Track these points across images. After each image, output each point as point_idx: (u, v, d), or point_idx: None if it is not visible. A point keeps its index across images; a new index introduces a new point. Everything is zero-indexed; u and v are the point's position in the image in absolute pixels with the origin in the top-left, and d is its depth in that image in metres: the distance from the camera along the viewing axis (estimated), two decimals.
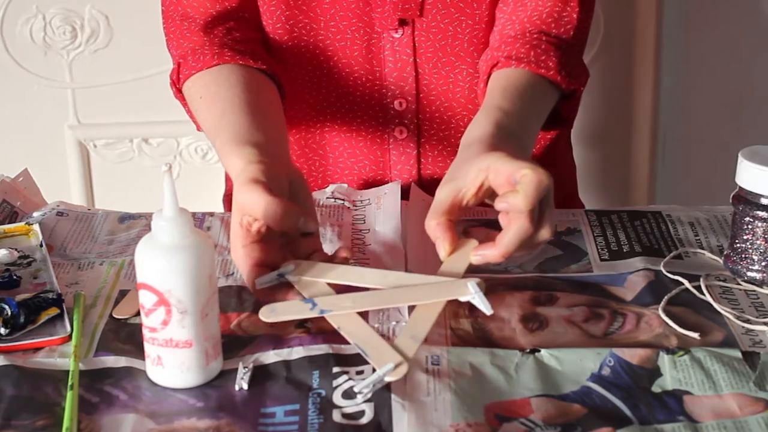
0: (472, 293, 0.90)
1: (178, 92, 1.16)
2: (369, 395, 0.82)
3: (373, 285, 0.92)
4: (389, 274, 0.94)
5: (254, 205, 0.88)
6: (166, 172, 0.80)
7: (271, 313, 0.90)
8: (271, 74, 1.13)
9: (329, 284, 0.92)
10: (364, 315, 0.91)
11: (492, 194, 0.92)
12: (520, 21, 1.12)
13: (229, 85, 1.07)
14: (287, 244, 0.93)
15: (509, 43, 1.10)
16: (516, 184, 0.88)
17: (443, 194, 0.93)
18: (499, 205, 0.89)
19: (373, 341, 0.87)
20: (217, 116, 1.04)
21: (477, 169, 0.91)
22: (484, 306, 0.89)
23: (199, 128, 1.14)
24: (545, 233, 0.90)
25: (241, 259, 0.91)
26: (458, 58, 1.17)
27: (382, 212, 1.10)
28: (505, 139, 0.95)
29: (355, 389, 0.83)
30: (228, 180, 1.35)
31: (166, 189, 0.81)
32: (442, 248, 0.92)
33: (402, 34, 1.15)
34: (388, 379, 0.83)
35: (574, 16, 1.12)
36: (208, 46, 1.12)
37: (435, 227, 0.92)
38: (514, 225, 0.88)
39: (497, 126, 0.97)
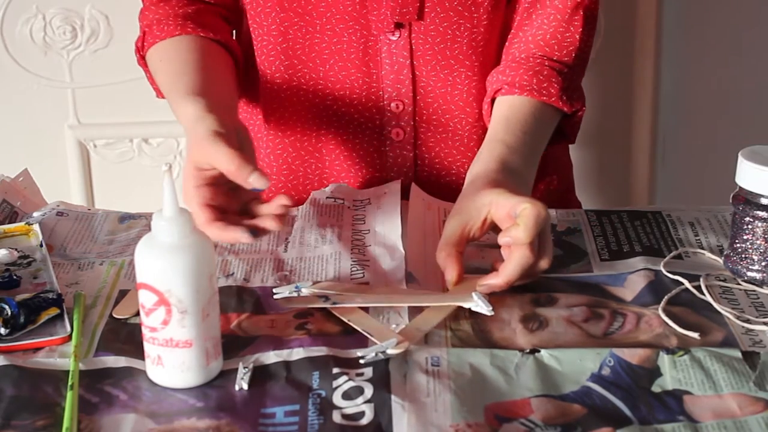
0: (475, 300, 0.93)
1: (141, 59, 1.21)
2: (370, 361, 0.86)
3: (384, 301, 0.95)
4: (400, 298, 0.96)
5: (216, 157, 0.95)
6: (166, 172, 0.81)
7: (285, 299, 0.95)
8: (226, 45, 1.19)
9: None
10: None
11: (496, 226, 0.98)
12: (526, 41, 1.16)
13: (188, 50, 1.14)
14: (234, 189, 0.99)
15: (514, 68, 1.14)
16: (516, 217, 0.95)
17: (452, 227, 0.99)
18: (501, 240, 0.95)
19: (379, 327, 0.90)
20: (173, 74, 1.11)
21: (480, 204, 0.98)
22: (486, 309, 0.92)
23: (159, 94, 1.20)
24: (544, 263, 0.96)
25: (192, 199, 0.97)
26: (457, 61, 1.17)
27: (382, 212, 1.10)
28: (508, 176, 1.02)
29: (359, 353, 0.86)
30: None
31: (166, 189, 0.81)
32: (450, 277, 0.97)
33: (399, 37, 1.15)
34: (390, 351, 0.86)
35: (577, 37, 1.16)
36: (173, 18, 1.17)
37: (445, 258, 0.98)
38: (516, 255, 0.94)
39: (500, 162, 1.04)
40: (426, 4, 1.13)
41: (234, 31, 1.25)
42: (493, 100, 1.15)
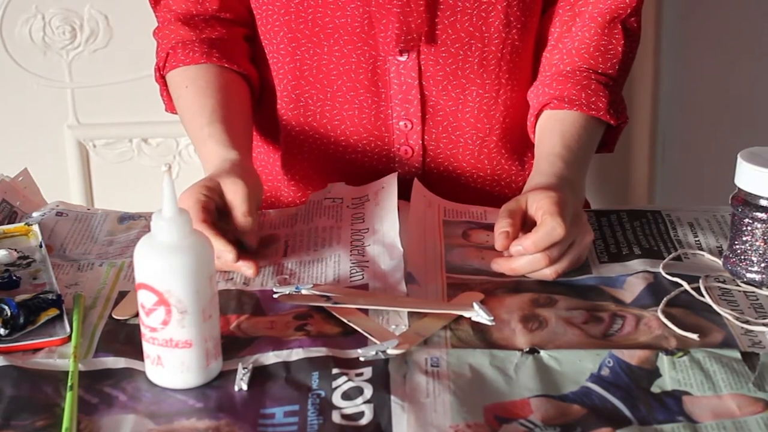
0: (476, 310, 0.93)
1: (161, 78, 1.22)
2: (369, 359, 0.86)
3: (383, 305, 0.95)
4: (401, 304, 0.96)
5: (234, 195, 1.00)
6: (165, 172, 0.81)
7: (287, 296, 0.96)
8: (248, 77, 1.21)
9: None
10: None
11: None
12: (568, 53, 1.17)
13: (214, 84, 1.16)
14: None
15: (560, 81, 1.15)
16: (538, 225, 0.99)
17: (507, 203, 1.02)
18: (513, 248, 0.98)
19: (379, 329, 0.90)
20: (199, 106, 1.14)
21: (531, 199, 1.01)
22: (486, 318, 0.92)
23: (169, 108, 1.24)
24: (550, 271, 0.99)
25: (193, 203, 0.99)
26: (468, 80, 1.16)
27: (380, 208, 1.10)
28: (564, 186, 1.04)
29: (359, 351, 0.86)
30: None
31: (166, 189, 0.81)
32: (496, 229, 0.99)
33: (407, 58, 1.14)
34: (390, 351, 0.86)
35: (619, 49, 1.17)
36: (198, 44, 1.18)
37: (499, 214, 1.01)
38: (528, 256, 0.98)
39: (559, 177, 1.06)
40: (434, 30, 1.12)
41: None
42: (538, 113, 1.16)
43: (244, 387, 0.84)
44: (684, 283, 0.98)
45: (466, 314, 0.93)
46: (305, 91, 1.19)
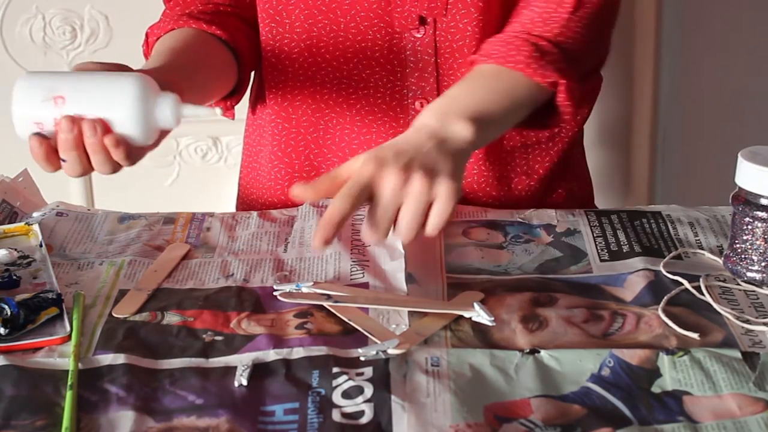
0: (476, 310, 0.92)
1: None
2: (370, 359, 0.86)
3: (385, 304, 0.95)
4: (402, 303, 0.96)
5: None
6: None
7: (287, 294, 0.96)
8: (228, 43, 1.15)
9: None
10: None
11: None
12: (512, 22, 1.13)
13: (179, 38, 1.12)
14: None
15: (488, 42, 1.11)
16: None
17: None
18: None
19: (379, 329, 0.90)
20: (161, 48, 1.11)
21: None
22: (486, 318, 0.92)
23: None
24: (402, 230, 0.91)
25: None
26: None
27: None
28: (408, 138, 0.96)
29: (360, 350, 0.86)
30: (241, 184, 1.34)
31: None
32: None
33: (423, 35, 1.14)
34: (391, 351, 0.86)
35: (564, 16, 1.11)
36: (178, 16, 1.16)
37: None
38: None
39: (416, 127, 0.98)
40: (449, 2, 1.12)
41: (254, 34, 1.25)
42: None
43: (244, 382, 0.84)
44: (685, 281, 0.98)
45: (467, 314, 0.93)
46: (321, 68, 1.18)
